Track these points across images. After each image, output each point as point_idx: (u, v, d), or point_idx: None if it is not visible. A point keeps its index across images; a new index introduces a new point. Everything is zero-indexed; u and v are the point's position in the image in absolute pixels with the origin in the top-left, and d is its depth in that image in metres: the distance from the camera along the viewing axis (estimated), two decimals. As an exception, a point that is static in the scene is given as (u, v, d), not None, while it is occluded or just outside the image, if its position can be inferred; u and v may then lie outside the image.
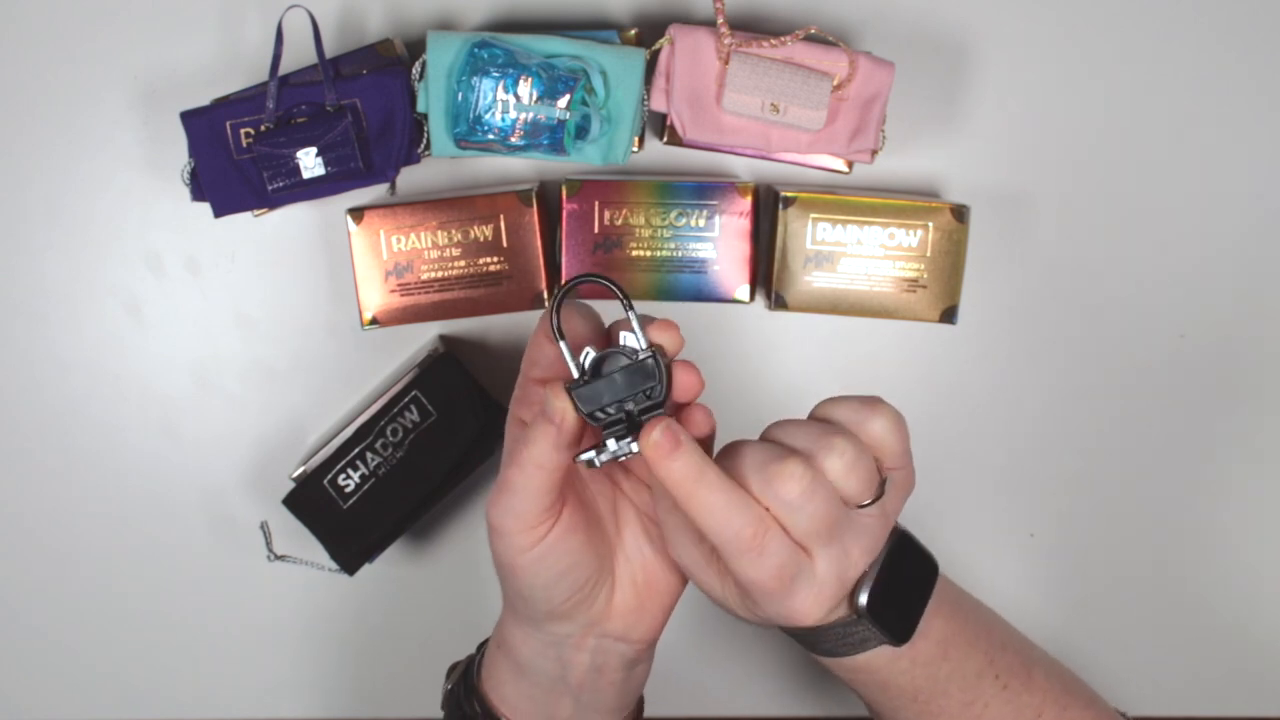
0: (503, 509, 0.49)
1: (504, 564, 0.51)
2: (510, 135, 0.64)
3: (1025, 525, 0.75)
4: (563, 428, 0.48)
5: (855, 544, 0.50)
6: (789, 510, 0.47)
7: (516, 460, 0.49)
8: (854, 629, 0.52)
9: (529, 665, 0.55)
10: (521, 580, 0.51)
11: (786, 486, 0.47)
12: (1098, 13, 0.70)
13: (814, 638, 0.53)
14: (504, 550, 0.50)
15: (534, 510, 0.49)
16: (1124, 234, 0.72)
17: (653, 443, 0.47)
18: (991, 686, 0.56)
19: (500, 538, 0.50)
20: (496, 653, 0.56)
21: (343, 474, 0.67)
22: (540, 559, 0.50)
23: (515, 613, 0.54)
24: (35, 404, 0.72)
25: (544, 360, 0.51)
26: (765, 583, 0.48)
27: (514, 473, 0.49)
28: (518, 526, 0.49)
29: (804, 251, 0.67)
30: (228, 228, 0.70)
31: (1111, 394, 0.73)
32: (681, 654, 0.75)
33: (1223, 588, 0.75)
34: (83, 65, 0.69)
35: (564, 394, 0.48)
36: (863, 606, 0.51)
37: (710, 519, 0.47)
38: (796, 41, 0.63)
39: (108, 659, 0.75)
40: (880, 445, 0.50)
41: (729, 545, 0.47)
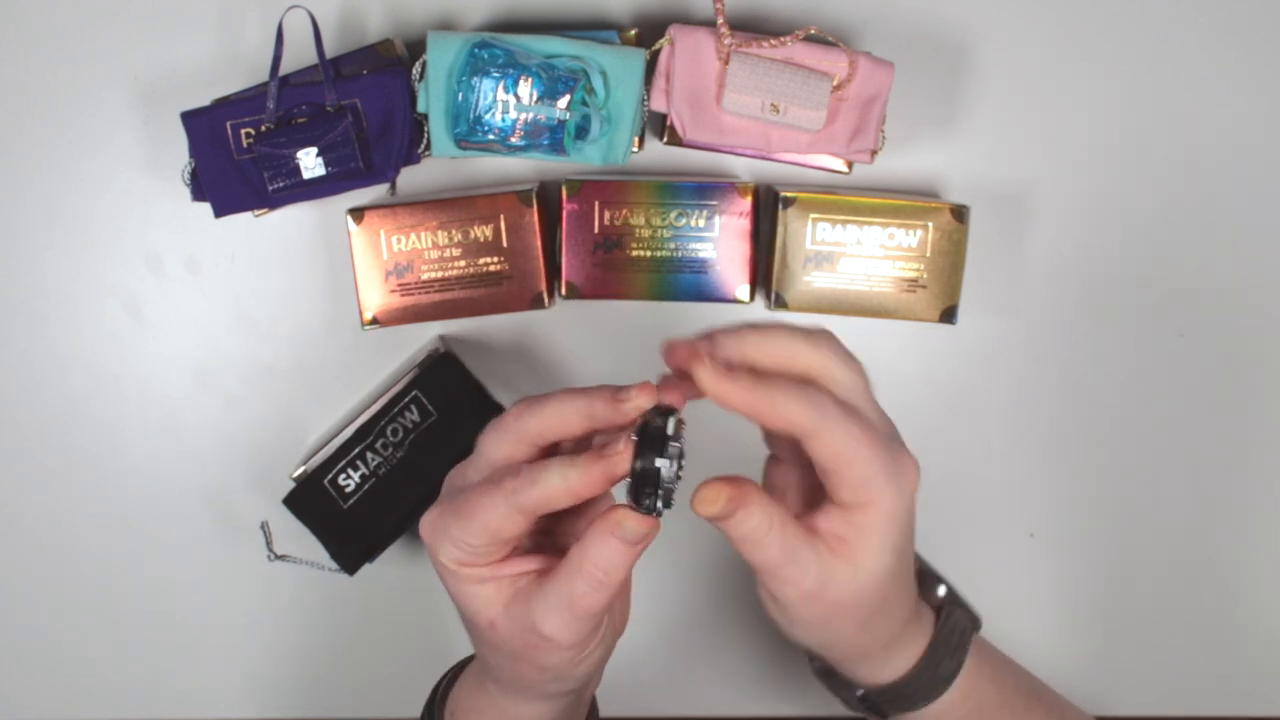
0: (579, 628, 0.47)
1: (567, 667, 0.49)
2: (510, 135, 0.64)
3: (1025, 525, 0.75)
4: (645, 544, 0.46)
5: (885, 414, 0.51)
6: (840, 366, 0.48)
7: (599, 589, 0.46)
8: (951, 623, 0.53)
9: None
10: (582, 670, 0.50)
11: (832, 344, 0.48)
12: (1098, 12, 0.70)
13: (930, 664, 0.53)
14: (569, 660, 0.49)
15: (598, 619, 0.48)
16: (1124, 234, 0.72)
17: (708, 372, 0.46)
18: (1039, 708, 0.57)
19: (568, 651, 0.48)
20: None
21: (343, 474, 0.67)
22: (602, 644, 0.50)
23: (542, 697, 0.53)
24: (35, 404, 0.72)
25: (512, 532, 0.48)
26: (871, 437, 0.46)
27: (596, 598, 0.46)
28: (591, 636, 0.48)
29: (804, 251, 0.67)
30: (228, 228, 0.70)
31: (1111, 394, 0.73)
32: (675, 654, 0.75)
33: (1223, 588, 0.75)
34: (83, 65, 0.69)
35: (638, 517, 0.46)
36: (944, 593, 0.54)
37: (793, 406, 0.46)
38: (796, 42, 0.63)
39: (108, 659, 0.75)
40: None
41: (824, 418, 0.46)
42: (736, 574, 0.75)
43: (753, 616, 0.75)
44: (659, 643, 0.75)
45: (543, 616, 0.47)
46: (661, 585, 0.74)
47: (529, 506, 0.46)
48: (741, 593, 0.75)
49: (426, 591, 0.74)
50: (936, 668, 0.53)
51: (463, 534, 0.47)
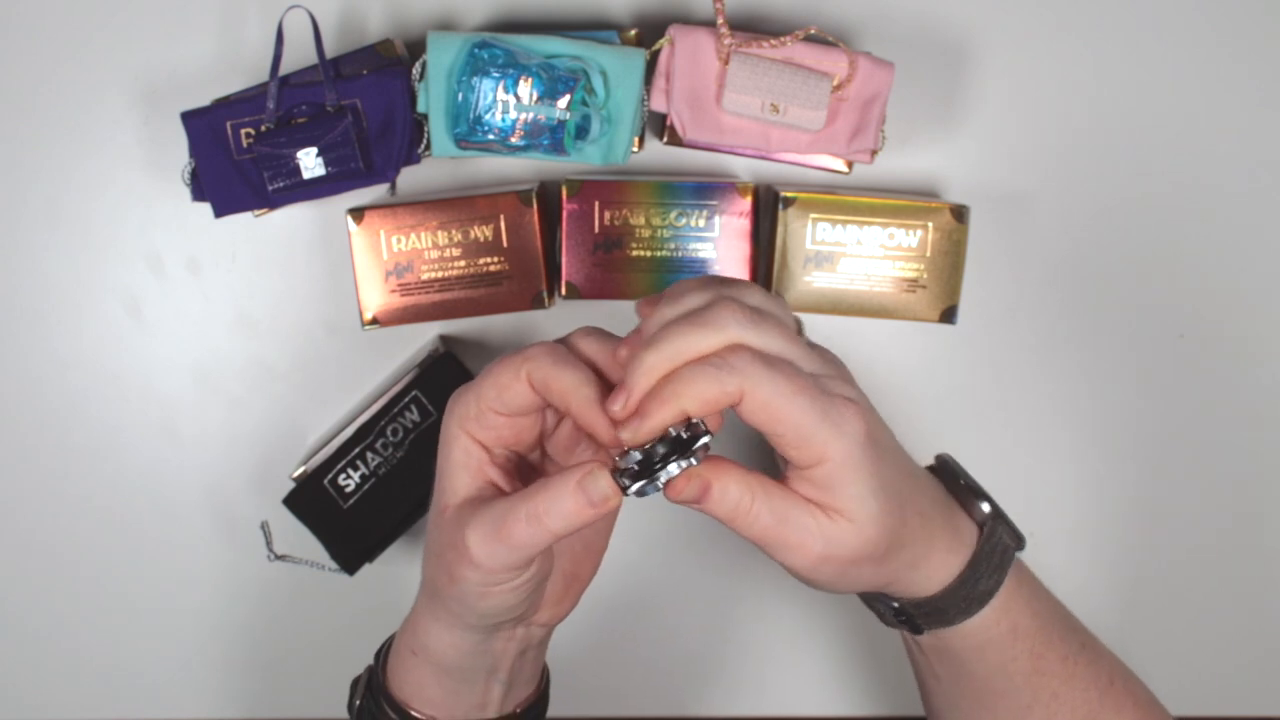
0: (500, 555, 0.47)
1: (474, 592, 0.49)
2: (510, 135, 0.64)
3: (1025, 526, 0.75)
4: (600, 510, 0.46)
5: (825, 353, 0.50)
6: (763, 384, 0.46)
7: (534, 524, 0.46)
8: (993, 542, 0.53)
9: (457, 665, 0.54)
10: (489, 605, 0.50)
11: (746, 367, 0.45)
12: (1098, 12, 0.70)
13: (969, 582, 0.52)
14: (480, 582, 0.49)
15: (527, 561, 0.48)
16: (1124, 234, 0.72)
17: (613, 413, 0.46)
18: (1075, 641, 0.57)
19: (480, 572, 0.48)
20: (411, 659, 0.55)
21: (343, 474, 0.67)
22: (515, 589, 0.49)
23: (449, 621, 0.52)
24: (35, 404, 0.72)
25: (512, 399, 0.49)
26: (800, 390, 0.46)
27: (527, 533, 0.47)
28: (507, 570, 0.48)
29: (804, 251, 0.67)
30: (228, 228, 0.70)
31: (1111, 394, 0.73)
32: (672, 654, 0.75)
33: (1224, 587, 0.75)
34: (83, 65, 0.69)
35: (610, 479, 0.46)
36: (987, 510, 0.53)
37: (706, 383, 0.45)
38: (796, 42, 0.63)
39: (108, 658, 0.75)
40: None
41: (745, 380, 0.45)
42: (733, 571, 0.75)
43: (749, 615, 0.75)
44: (654, 641, 0.75)
45: (474, 524, 0.48)
46: (655, 581, 0.74)
47: (536, 378, 0.48)
48: (737, 591, 0.75)
49: (426, 591, 0.74)
50: (976, 584, 0.53)
51: (476, 391, 0.49)
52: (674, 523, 0.73)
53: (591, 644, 0.74)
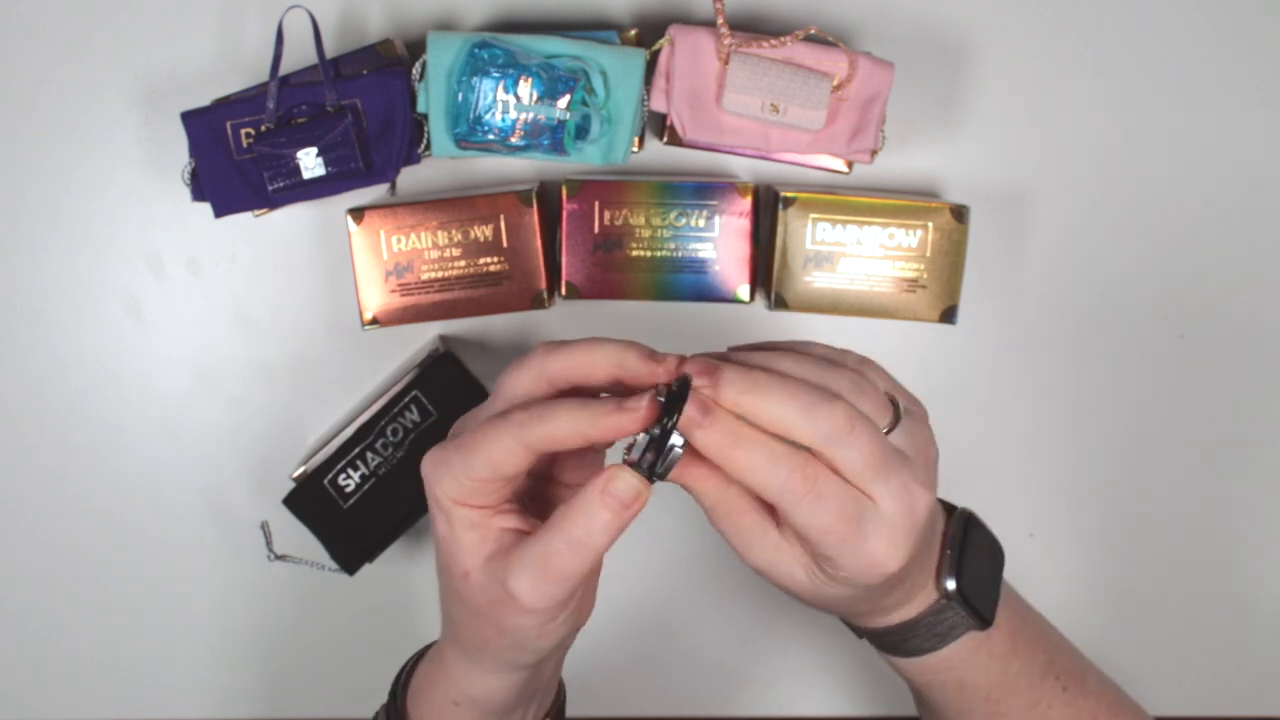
0: (552, 592, 0.46)
1: (531, 635, 0.48)
2: (510, 135, 0.64)
3: (1025, 526, 0.75)
4: (635, 508, 0.45)
5: (911, 477, 0.47)
6: (839, 447, 0.45)
7: (579, 551, 0.45)
8: (943, 616, 0.52)
9: (504, 705, 0.53)
10: (545, 641, 0.49)
11: (834, 419, 0.45)
12: (1097, 12, 0.70)
13: (904, 634, 0.53)
14: (535, 626, 0.48)
15: (574, 590, 0.47)
16: (1124, 234, 0.72)
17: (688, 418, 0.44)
18: (1053, 687, 0.56)
19: (535, 616, 0.47)
20: (454, 710, 0.53)
21: (343, 474, 0.67)
22: (570, 617, 0.49)
23: (498, 669, 0.51)
24: (35, 404, 0.72)
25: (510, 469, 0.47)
26: (833, 525, 0.45)
27: (573, 562, 0.45)
28: (563, 605, 0.47)
29: (804, 251, 0.67)
30: (228, 228, 0.70)
31: (1111, 394, 0.73)
32: (679, 652, 0.75)
33: (1224, 587, 0.75)
34: (83, 65, 0.69)
35: (633, 474, 0.45)
36: (952, 590, 0.52)
37: (758, 475, 0.45)
38: (796, 42, 0.63)
39: (107, 658, 0.75)
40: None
41: (785, 495, 0.45)
42: (720, 569, 0.75)
43: (739, 612, 0.75)
44: (645, 638, 0.75)
45: (516, 573, 0.46)
46: (648, 581, 0.74)
47: (533, 441, 0.45)
48: (727, 588, 0.75)
49: (426, 591, 0.74)
50: (904, 641, 0.54)
51: (464, 466, 0.46)
52: (664, 525, 0.73)
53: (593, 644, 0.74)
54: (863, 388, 0.48)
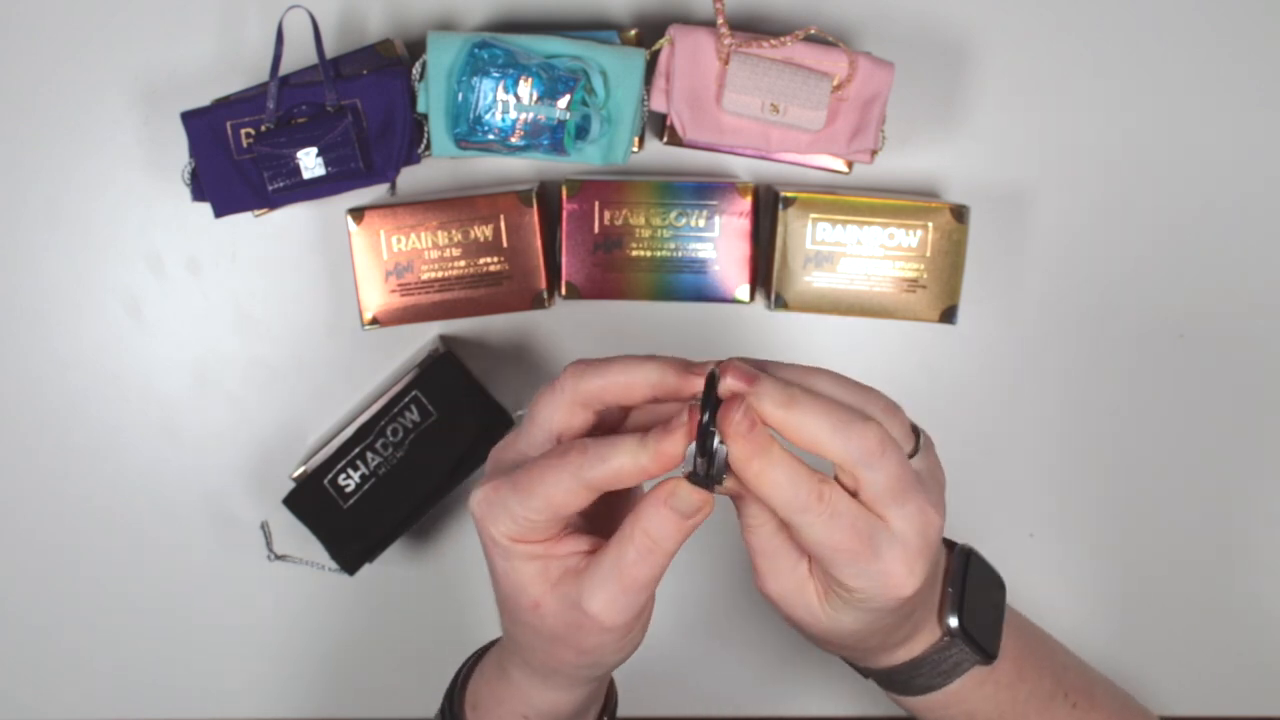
0: (628, 608, 0.46)
1: (610, 651, 0.48)
2: (510, 135, 0.64)
3: (1025, 526, 0.75)
4: (698, 519, 0.45)
5: (927, 500, 0.47)
6: (867, 469, 0.45)
7: (650, 560, 0.45)
8: (947, 654, 0.52)
9: (574, 713, 0.54)
10: (623, 654, 0.49)
11: (865, 440, 0.45)
12: (1097, 12, 0.70)
13: (909, 673, 0.53)
14: (615, 643, 0.48)
15: (647, 601, 0.47)
16: (1124, 234, 0.72)
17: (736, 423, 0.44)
18: (1062, 706, 0.57)
19: (613, 633, 0.47)
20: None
21: (343, 474, 0.67)
22: (643, 629, 0.49)
23: (574, 684, 0.52)
24: (35, 404, 0.72)
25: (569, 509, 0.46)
26: (845, 543, 0.45)
27: (645, 572, 0.45)
28: (638, 618, 0.47)
29: (804, 251, 0.67)
30: (228, 228, 0.70)
31: (1111, 394, 0.73)
32: (679, 654, 0.75)
33: (1224, 588, 0.75)
34: (83, 65, 0.69)
35: (691, 487, 0.45)
36: (955, 627, 0.52)
37: (777, 490, 0.44)
38: (796, 42, 0.63)
39: (107, 658, 0.75)
40: None
41: (800, 512, 0.45)
42: (742, 572, 0.75)
43: (758, 615, 0.75)
44: (669, 640, 0.75)
45: (591, 592, 0.46)
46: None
47: (597, 483, 0.45)
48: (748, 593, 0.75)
49: (427, 591, 0.74)
50: (913, 679, 0.54)
51: (523, 509, 0.46)
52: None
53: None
54: (894, 412, 0.48)
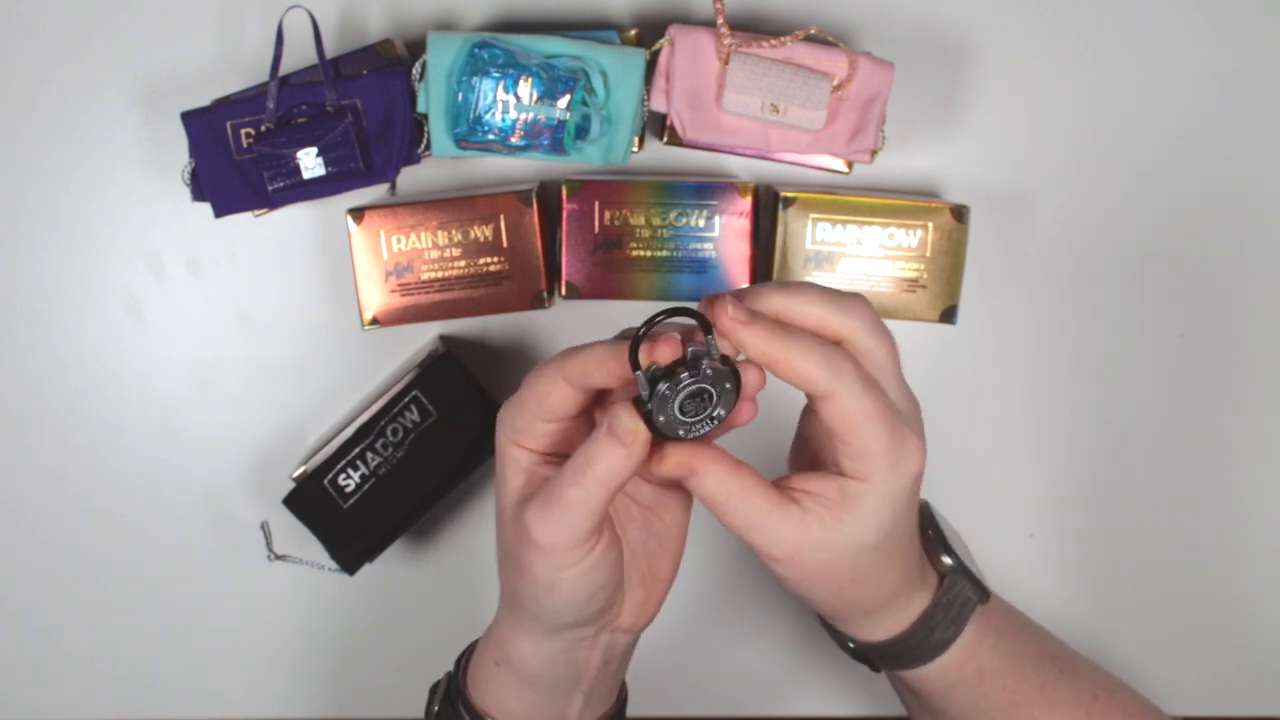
0: (556, 526, 0.47)
1: (544, 581, 0.49)
2: (510, 135, 0.64)
3: (1025, 525, 0.75)
4: (633, 449, 0.46)
5: (910, 393, 0.50)
6: (869, 337, 0.48)
7: (579, 479, 0.47)
8: (953, 594, 0.54)
9: (539, 676, 0.54)
10: (560, 596, 0.50)
11: (864, 312, 0.48)
12: (1098, 12, 0.70)
13: (928, 628, 0.53)
14: (546, 568, 0.49)
15: (587, 528, 0.48)
16: (1123, 234, 0.72)
17: (730, 316, 0.46)
18: (1052, 668, 0.57)
19: (544, 555, 0.48)
20: (494, 670, 0.55)
21: (343, 474, 0.67)
22: (584, 575, 0.49)
23: (530, 626, 0.53)
24: (35, 404, 0.72)
25: (555, 405, 0.49)
26: (880, 414, 0.47)
27: (574, 491, 0.47)
28: (568, 544, 0.48)
29: (804, 251, 0.67)
30: (228, 228, 0.70)
31: (1111, 394, 0.73)
32: (681, 653, 0.75)
33: (1223, 588, 0.75)
34: (83, 65, 0.69)
35: (635, 412, 0.46)
36: (951, 563, 0.54)
37: (812, 364, 0.46)
38: (796, 42, 0.63)
39: (108, 658, 0.75)
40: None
41: (840, 381, 0.46)
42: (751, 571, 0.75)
43: (768, 613, 0.75)
44: (669, 640, 0.75)
45: (529, 506, 0.48)
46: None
47: (571, 374, 0.48)
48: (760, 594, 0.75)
49: (426, 591, 0.74)
50: (930, 634, 0.54)
51: (517, 406, 0.50)
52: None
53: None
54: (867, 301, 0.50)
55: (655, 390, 0.46)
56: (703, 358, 0.46)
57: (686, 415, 0.47)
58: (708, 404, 0.47)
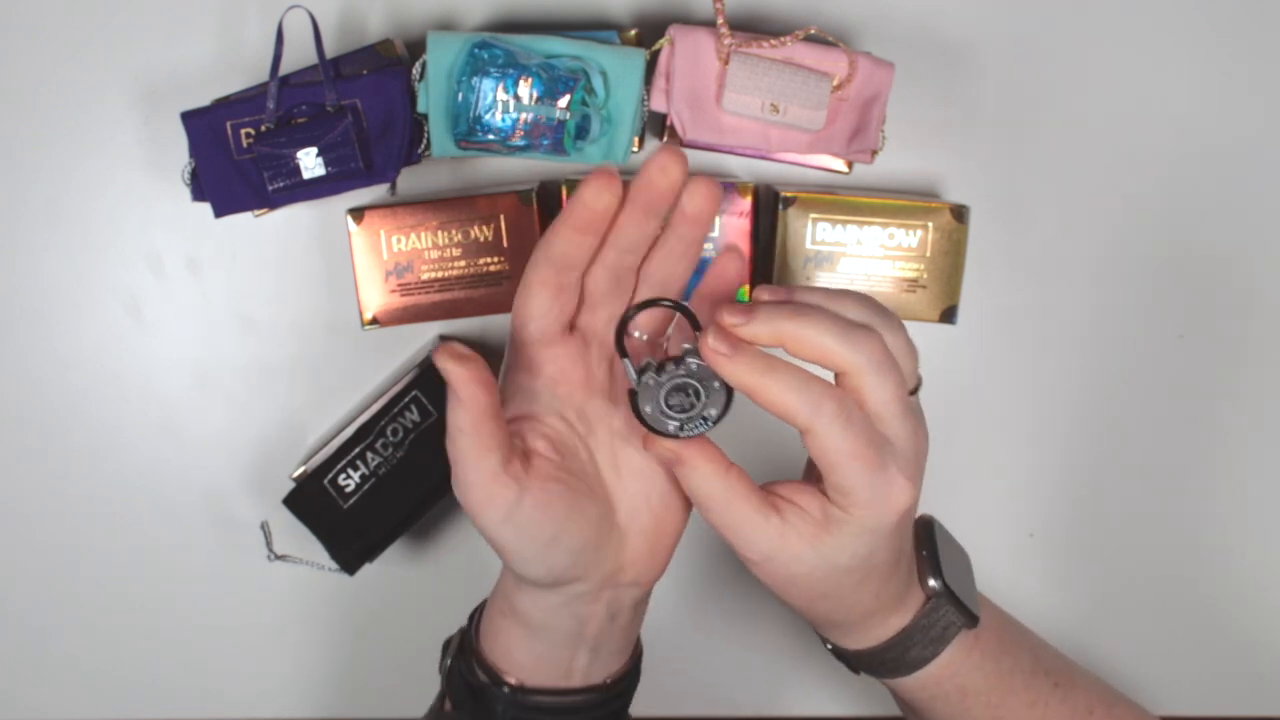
0: (458, 484, 0.49)
1: (488, 539, 0.50)
2: (510, 136, 0.64)
3: (1025, 525, 0.75)
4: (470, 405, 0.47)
5: (918, 425, 0.50)
6: (872, 375, 0.47)
7: (448, 435, 0.48)
8: (935, 617, 0.53)
9: (542, 626, 0.54)
10: (510, 552, 0.50)
11: (872, 349, 0.47)
12: (1097, 12, 0.70)
13: (903, 644, 0.53)
14: (482, 526, 0.49)
15: (482, 477, 0.48)
16: (1124, 234, 0.72)
17: (710, 346, 0.47)
18: (1045, 684, 0.57)
19: (471, 513, 0.49)
20: (501, 620, 0.55)
21: (343, 474, 0.67)
22: (520, 530, 0.49)
23: (520, 581, 0.53)
24: (35, 404, 0.72)
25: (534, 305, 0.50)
26: (861, 451, 0.47)
27: (448, 446, 0.48)
28: (476, 497, 0.48)
29: (804, 251, 0.67)
30: (228, 228, 0.70)
31: (1111, 394, 0.73)
32: (681, 653, 0.75)
33: (1223, 588, 0.76)
34: (83, 65, 0.69)
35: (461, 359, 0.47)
36: (937, 587, 0.54)
37: (792, 397, 0.46)
38: (796, 42, 0.63)
39: (108, 659, 0.75)
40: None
41: (819, 417, 0.46)
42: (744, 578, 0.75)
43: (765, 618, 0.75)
44: (669, 640, 0.75)
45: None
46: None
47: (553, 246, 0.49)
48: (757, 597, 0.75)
49: (426, 591, 0.74)
50: (905, 652, 0.54)
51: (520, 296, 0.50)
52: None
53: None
54: (895, 328, 0.50)
55: (642, 380, 0.47)
56: (691, 355, 0.47)
57: (673, 410, 0.47)
58: (695, 400, 0.47)
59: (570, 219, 0.48)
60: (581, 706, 0.55)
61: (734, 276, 0.52)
